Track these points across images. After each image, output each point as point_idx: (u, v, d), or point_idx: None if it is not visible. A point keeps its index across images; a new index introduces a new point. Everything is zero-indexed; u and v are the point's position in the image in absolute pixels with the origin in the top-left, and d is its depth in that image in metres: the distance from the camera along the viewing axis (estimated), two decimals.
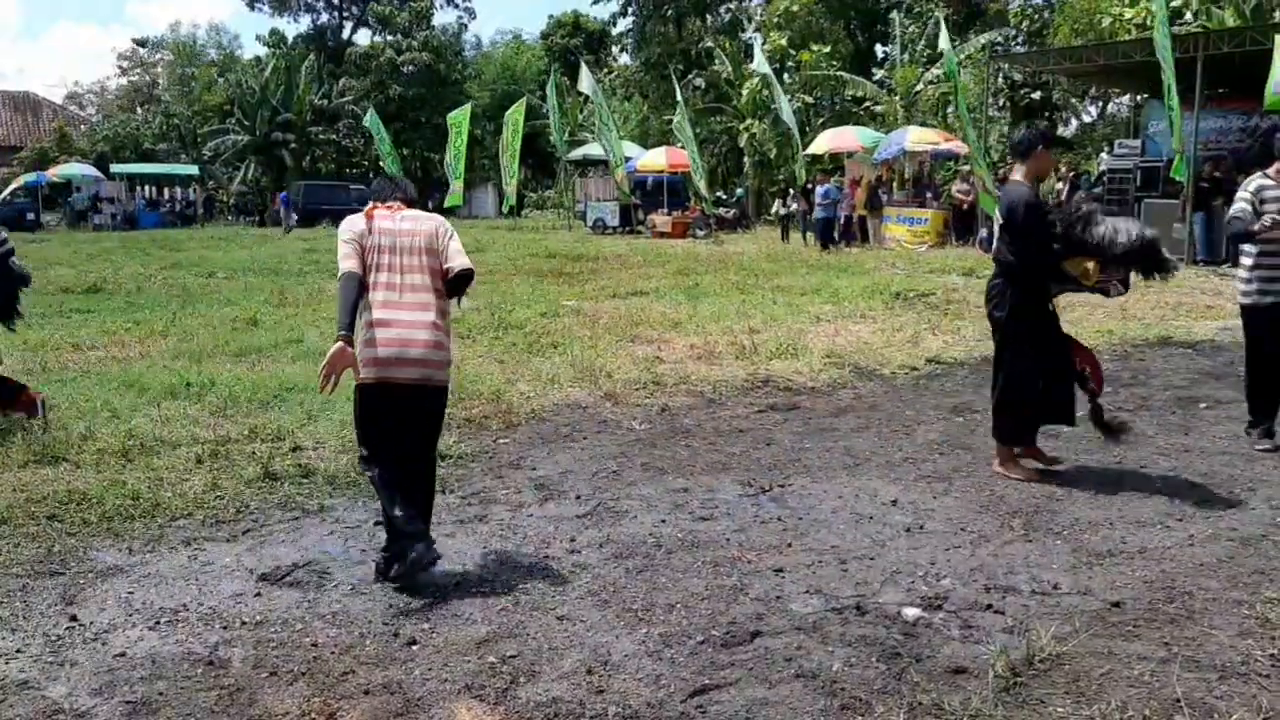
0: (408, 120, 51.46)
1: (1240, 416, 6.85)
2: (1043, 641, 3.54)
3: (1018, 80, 30.69)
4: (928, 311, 12.07)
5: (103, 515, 4.99)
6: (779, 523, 4.98)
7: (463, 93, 51.34)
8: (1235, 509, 5.10)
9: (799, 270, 17.17)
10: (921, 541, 4.70)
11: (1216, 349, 9.73)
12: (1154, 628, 3.74)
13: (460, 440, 6.32)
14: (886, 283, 14.63)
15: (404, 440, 4.26)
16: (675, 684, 3.35)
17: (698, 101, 38.57)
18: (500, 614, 3.89)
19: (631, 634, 3.72)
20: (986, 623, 3.81)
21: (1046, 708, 3.17)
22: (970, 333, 10.50)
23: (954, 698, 3.21)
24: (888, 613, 3.90)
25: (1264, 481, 5.57)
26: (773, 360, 8.97)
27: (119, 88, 69.86)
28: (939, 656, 3.53)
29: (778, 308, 12.35)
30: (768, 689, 3.31)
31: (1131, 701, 3.19)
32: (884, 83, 33.98)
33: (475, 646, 3.62)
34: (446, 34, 57.98)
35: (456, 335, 10.16)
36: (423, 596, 4.06)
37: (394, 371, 4.12)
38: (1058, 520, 4.95)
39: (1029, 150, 5.68)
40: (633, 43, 48.68)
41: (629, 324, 11.08)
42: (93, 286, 15.15)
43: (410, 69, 52.78)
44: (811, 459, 6.15)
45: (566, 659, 3.53)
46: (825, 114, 35.09)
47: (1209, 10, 23.71)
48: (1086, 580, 4.21)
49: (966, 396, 7.80)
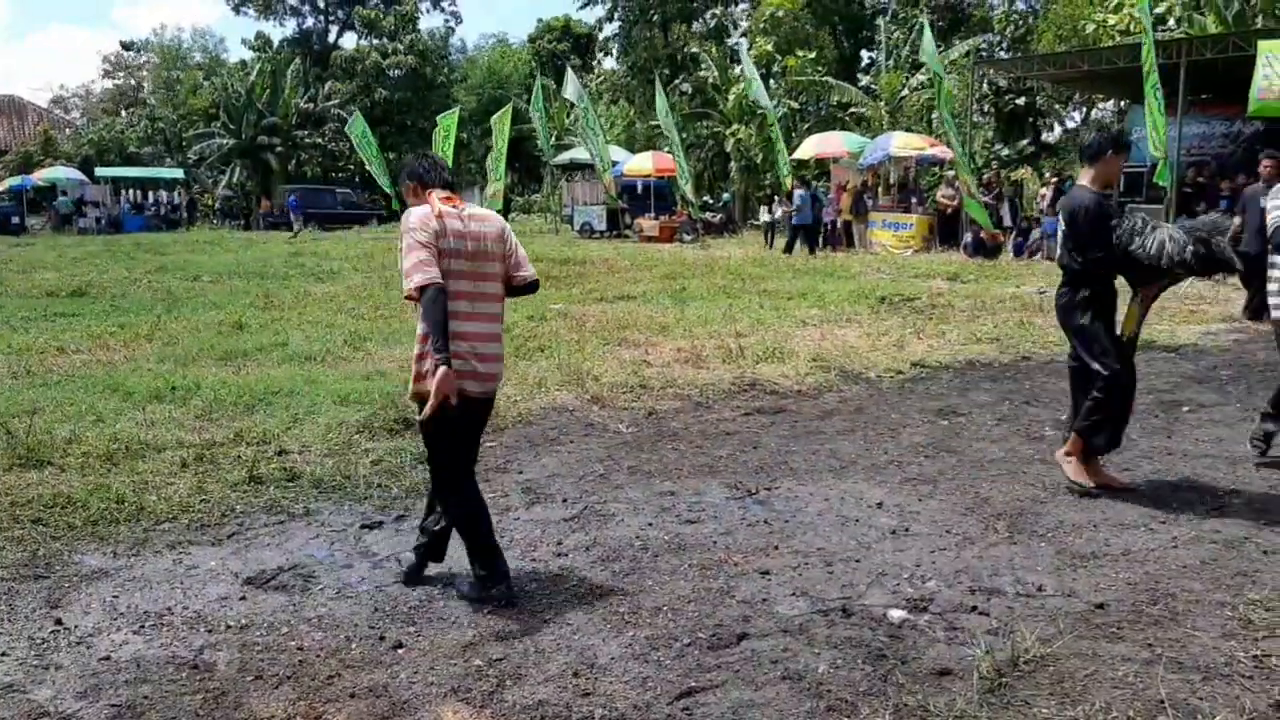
0: (394, 124, 51.45)
1: (1223, 420, 6.92)
2: (1027, 643, 3.56)
3: (1002, 86, 30.86)
4: (913, 316, 12.12)
5: (87, 519, 4.97)
6: (765, 525, 4.99)
7: (449, 97, 51.37)
8: (1218, 511, 5.14)
9: (785, 275, 17.21)
10: (907, 544, 4.72)
11: (1199, 353, 9.80)
12: (1138, 629, 3.77)
13: None
14: (872, 287, 14.69)
15: (463, 454, 4.11)
16: (662, 686, 3.35)
17: (684, 106, 38.64)
18: (487, 617, 3.89)
19: (618, 637, 3.72)
20: (971, 624, 3.82)
21: (1031, 709, 3.19)
22: (954, 336, 10.54)
23: (939, 699, 3.22)
24: (873, 615, 3.91)
25: (1246, 484, 5.62)
26: (759, 364, 8.99)
27: (104, 91, 69.58)
28: (924, 658, 3.55)
29: (764, 312, 12.37)
30: (754, 691, 3.32)
31: (1115, 703, 3.21)
32: (869, 88, 34.14)
33: (461, 650, 3.62)
34: (433, 38, 57.96)
35: None
36: (409, 600, 4.06)
37: (464, 384, 3.86)
38: (1042, 522, 4.98)
39: (1098, 155, 5.48)
40: (619, 47, 48.77)
41: (616, 328, 11.09)
42: (77, 290, 15.07)
43: (396, 73, 52.78)
44: (798, 462, 6.17)
45: (553, 662, 3.53)
46: (811, 119, 35.19)
47: (1191, 17, 23.90)
48: (1071, 582, 4.23)
49: (951, 400, 7.83)
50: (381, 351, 9.40)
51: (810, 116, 35.91)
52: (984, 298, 13.59)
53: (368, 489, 5.51)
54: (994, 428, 6.96)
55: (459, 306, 3.84)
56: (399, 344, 9.69)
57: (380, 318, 11.76)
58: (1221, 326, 11.47)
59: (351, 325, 11.15)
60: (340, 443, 6.34)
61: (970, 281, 15.92)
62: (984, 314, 12.24)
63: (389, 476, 5.71)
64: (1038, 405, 7.62)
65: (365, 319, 11.66)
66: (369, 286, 15.51)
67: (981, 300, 13.35)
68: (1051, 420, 7.10)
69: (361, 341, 9.98)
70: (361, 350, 9.61)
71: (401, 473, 5.77)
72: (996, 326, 11.12)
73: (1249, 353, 9.96)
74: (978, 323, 11.51)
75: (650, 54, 43.73)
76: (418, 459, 5.97)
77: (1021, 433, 6.82)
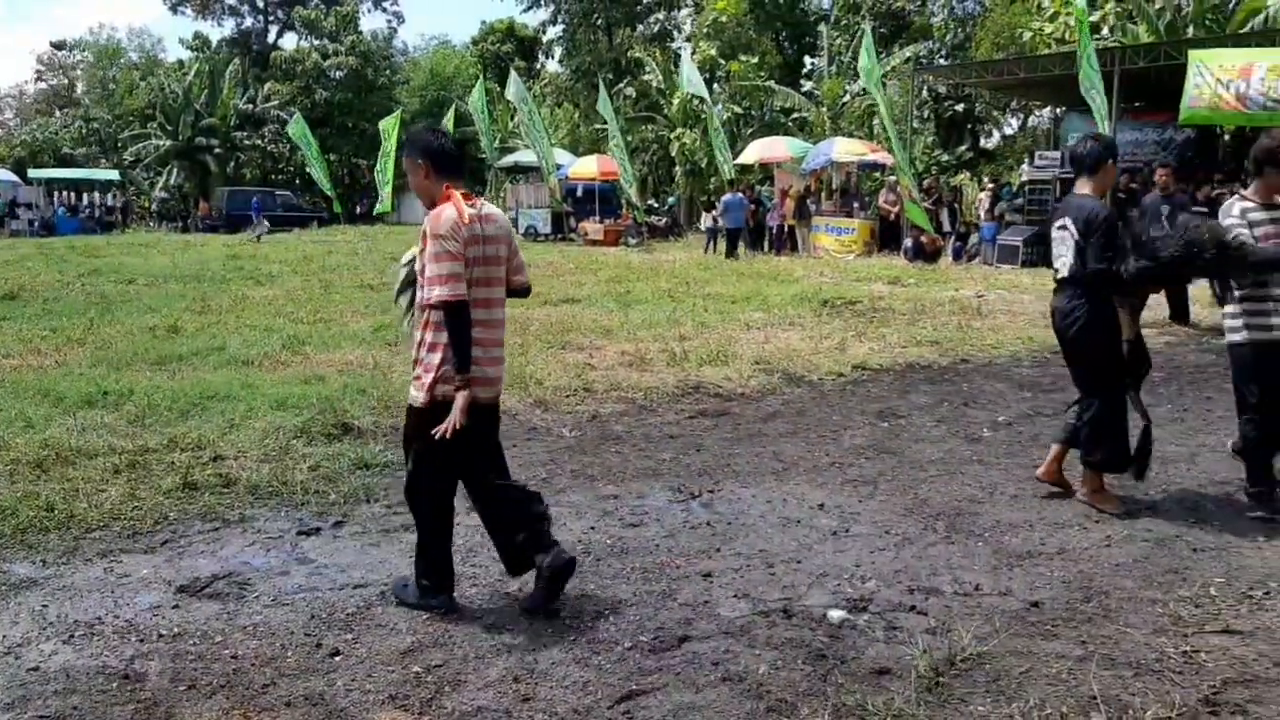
0: (335, 126, 50.89)
1: (1157, 421, 7.07)
2: (964, 641, 3.61)
3: (942, 93, 31.32)
4: (855, 319, 12.24)
5: (16, 527, 4.83)
6: (708, 528, 5.00)
7: (391, 98, 50.90)
8: (1149, 510, 5.25)
9: (730, 278, 17.29)
10: (847, 545, 4.76)
11: None
12: (1072, 627, 3.83)
13: (387, 449, 6.25)
14: (815, 291, 14.81)
15: (479, 462, 4.03)
16: (602, 690, 3.34)
17: (628, 110, 38.68)
18: (426, 623, 3.85)
19: (559, 641, 3.70)
20: (910, 624, 3.86)
21: (968, 706, 3.23)
22: (895, 339, 10.67)
23: (878, 698, 3.25)
24: (814, 615, 3.93)
25: (1177, 483, 5.75)
26: (703, 367, 9.01)
27: (37, 91, 68.02)
28: (864, 658, 3.58)
29: (709, 315, 12.42)
30: (695, 693, 3.32)
31: (1049, 699, 3.26)
32: (812, 94, 34.44)
33: (400, 656, 3.58)
34: (375, 39, 57.43)
35: (386, 343, 10.08)
36: (346, 607, 4.01)
37: (476, 391, 3.79)
38: (979, 522, 5.05)
39: (1097, 164, 5.26)
40: (563, 50, 48.71)
41: (560, 331, 11.06)
42: (8, 294, 14.67)
43: (338, 74, 52.22)
44: (740, 464, 6.19)
45: (493, 668, 3.50)
46: (755, 124, 35.42)
47: (1125, 26, 24.45)
48: (1007, 581, 4.29)
49: (891, 402, 7.92)
50: (320, 356, 9.27)
51: (754, 121, 36.13)
52: (924, 301, 13.77)
53: (305, 495, 5.42)
54: (933, 429, 7.04)
55: (476, 315, 3.75)
56: (338, 348, 9.58)
57: (320, 321, 11.61)
58: (1152, 331, 11.71)
59: (290, 329, 10.98)
60: (277, 448, 6.24)
61: (910, 285, 16.11)
62: (924, 317, 12.40)
63: (326, 482, 5.62)
64: (975, 407, 7.73)
65: (304, 323, 11.50)
66: (309, 289, 15.31)
67: (921, 304, 13.53)
68: (989, 422, 7.21)
69: (300, 345, 9.84)
70: (300, 354, 9.47)
71: (339, 478, 5.69)
72: (936, 330, 11.27)
73: (1180, 355, 10.22)
74: (917, 326, 11.65)
75: (594, 57, 43.73)
76: (356, 464, 5.91)
77: (960, 434, 6.91)
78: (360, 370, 8.62)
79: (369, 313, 12.38)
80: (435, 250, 3.66)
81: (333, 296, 14.18)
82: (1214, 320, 11.51)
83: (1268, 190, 5.14)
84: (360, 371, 8.57)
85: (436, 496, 3.98)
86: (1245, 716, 3.19)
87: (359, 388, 7.71)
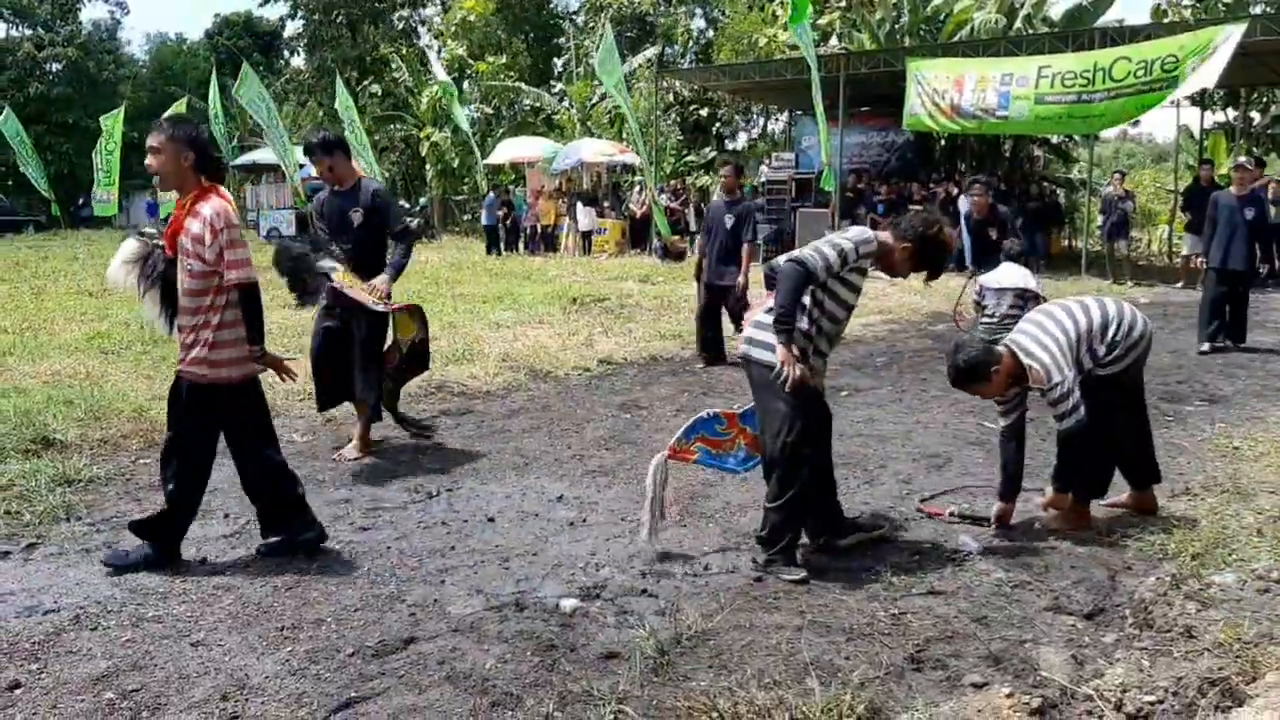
0: (52, 122, 46.78)
1: (875, 403, 7.48)
2: (690, 619, 3.67)
3: (686, 97, 32.21)
4: (603, 315, 12.36)
5: None
6: (443, 527, 4.88)
7: (116, 93, 47.33)
8: (869, 486, 5.54)
9: (483, 278, 17.11)
10: (584, 534, 4.76)
11: (857, 342, 10.61)
12: (792, 599, 3.97)
13: (93, 463, 5.75)
14: (566, 289, 14.86)
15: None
16: (319, 700, 3.17)
17: (375, 108, 37.61)
18: (124, 646, 3.53)
19: (275, 654, 3.49)
20: (640, 607, 3.89)
21: (690, 682, 3.27)
22: (640, 334, 10.85)
23: (604, 683, 3.24)
24: (547, 606, 3.90)
25: (893, 459, 6.10)
26: (448, 365, 8.82)
27: None
28: (593, 644, 3.57)
29: (457, 315, 12.20)
30: (417, 695, 3.20)
31: (769, 668, 3.36)
32: (562, 95, 34.64)
33: (92, 683, 3.27)
34: (98, 29, 53.30)
35: (102, 351, 9.32)
36: (33, 635, 3.63)
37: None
38: (710, 505, 5.18)
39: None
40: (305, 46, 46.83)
41: (299, 333, 10.55)
42: None
43: (55, 66, 48.07)
44: (482, 461, 6.10)
45: (198, 687, 3.25)
46: (505, 124, 35.26)
47: (850, 34, 25.95)
48: (734, 560, 4.41)
49: (634, 394, 8.03)
50: (24, 367, 8.44)
51: (505, 121, 35.93)
52: (670, 298, 14.08)
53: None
54: (672, 419, 7.16)
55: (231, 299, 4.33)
56: (45, 359, 8.76)
57: (27, 330, 10.59)
58: (877, 319, 12.48)
59: None
60: None
61: (659, 283, 16.44)
62: (668, 312, 12.68)
63: (20, 501, 5.10)
64: (714, 395, 7.94)
65: (9, 332, 10.46)
66: (17, 297, 13.96)
67: (667, 300, 13.82)
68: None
69: (2, 357, 8.93)
70: (1, 366, 8.60)
71: (35, 496, 5.16)
72: (679, 324, 11.54)
73: (900, 341, 10.91)
74: (662, 321, 11.91)
75: (338, 54, 42.23)
76: (56, 480, 5.40)
77: None
78: (70, 381, 7.91)
79: (84, 320, 11.41)
80: (234, 237, 4.20)
81: (44, 304, 12.99)
82: (931, 309, 12.38)
83: None
84: (70, 382, 7.86)
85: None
86: (945, 669, 3.39)
87: (65, 399, 7.05)
